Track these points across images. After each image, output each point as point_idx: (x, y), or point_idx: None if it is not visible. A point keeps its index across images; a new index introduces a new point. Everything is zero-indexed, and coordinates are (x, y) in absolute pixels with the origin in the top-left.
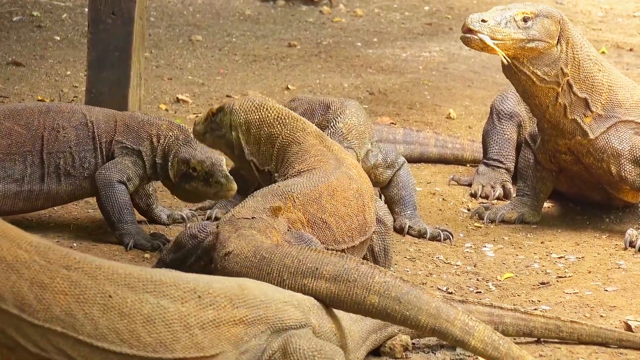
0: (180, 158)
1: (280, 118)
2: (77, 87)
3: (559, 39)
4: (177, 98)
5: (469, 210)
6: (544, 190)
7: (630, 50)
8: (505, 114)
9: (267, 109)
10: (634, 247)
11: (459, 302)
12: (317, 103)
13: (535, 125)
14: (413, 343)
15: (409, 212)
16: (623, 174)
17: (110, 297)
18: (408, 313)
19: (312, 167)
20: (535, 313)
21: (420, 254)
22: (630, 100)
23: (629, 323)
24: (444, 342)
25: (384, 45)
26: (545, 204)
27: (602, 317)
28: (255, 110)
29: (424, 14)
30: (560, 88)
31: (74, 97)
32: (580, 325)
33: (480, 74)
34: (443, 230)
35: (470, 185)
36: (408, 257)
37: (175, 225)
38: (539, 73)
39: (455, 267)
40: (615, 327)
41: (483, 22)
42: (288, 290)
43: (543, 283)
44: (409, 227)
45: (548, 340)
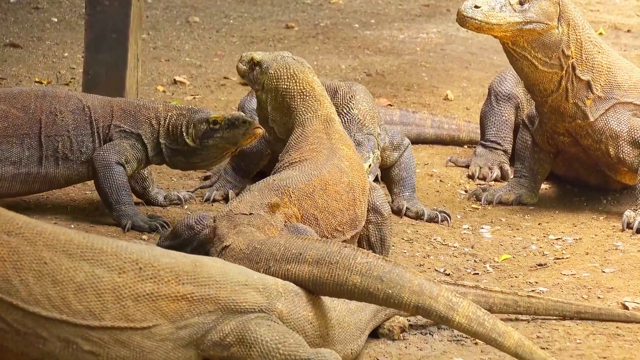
0: (198, 120)
1: (303, 93)
2: (74, 68)
3: (559, 21)
4: (174, 80)
5: (467, 192)
6: (542, 172)
7: (628, 32)
8: (503, 96)
9: (295, 80)
10: (632, 228)
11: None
12: (329, 88)
13: (534, 107)
14: (410, 325)
15: (407, 193)
16: (621, 156)
17: (46, 263)
18: (391, 291)
19: (304, 158)
20: (495, 289)
21: (418, 236)
22: (629, 82)
23: (627, 304)
24: (428, 319)
25: (382, 27)
26: (543, 186)
27: (599, 298)
28: (286, 79)
29: None
30: (564, 71)
31: (71, 78)
32: (537, 300)
33: (478, 56)
34: (440, 212)
35: (468, 167)
36: (405, 238)
37: (173, 207)
38: (541, 56)
39: (453, 248)
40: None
41: (476, 7)
42: (260, 275)
43: (540, 264)
44: (407, 208)
45: (545, 322)
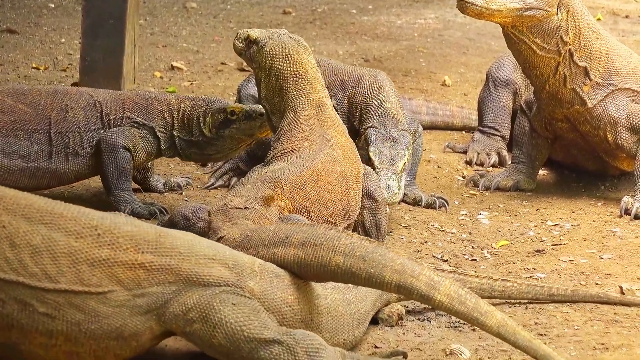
0: (215, 109)
1: (296, 76)
2: (71, 54)
3: (559, 7)
4: (171, 65)
5: (464, 178)
6: (540, 158)
7: (626, 17)
8: (501, 81)
9: (290, 62)
10: (630, 214)
11: None
12: (345, 74)
13: (532, 93)
14: (408, 311)
15: (408, 179)
16: (619, 142)
17: (4, 227)
18: (372, 270)
19: (296, 147)
20: (471, 274)
21: (415, 222)
22: (627, 68)
23: (624, 289)
24: (411, 299)
25: (379, 12)
26: (541, 172)
27: (597, 284)
28: (280, 59)
29: None
30: (562, 57)
31: (69, 64)
32: (511, 283)
33: (476, 41)
34: (438, 198)
35: (466, 153)
36: (403, 224)
37: (171, 193)
38: (539, 42)
39: (451, 234)
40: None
41: None
42: (235, 252)
43: (538, 251)
44: (405, 194)
45: (543, 308)
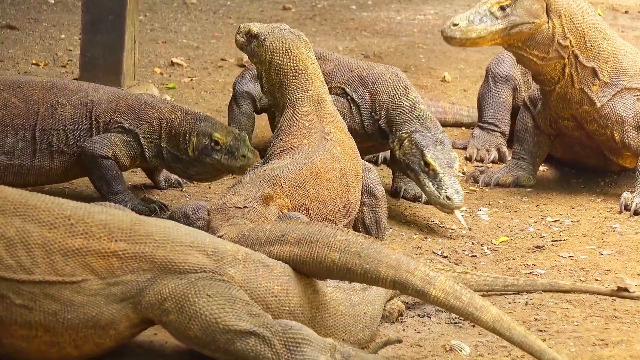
0: (201, 131)
1: (296, 71)
2: (71, 50)
3: (548, 15)
4: (171, 62)
5: (464, 174)
6: (541, 155)
7: (626, 13)
8: (501, 77)
9: (289, 57)
10: (629, 210)
11: None
12: (362, 70)
13: (537, 90)
14: (408, 308)
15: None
16: (626, 141)
17: None
18: (368, 266)
19: (295, 144)
20: (436, 267)
21: (416, 218)
22: (635, 68)
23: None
24: (406, 294)
25: (379, 8)
26: (541, 168)
27: (597, 280)
28: (280, 54)
29: None
30: (567, 60)
31: (68, 60)
32: (471, 276)
33: None
34: None
35: (465, 149)
36: (403, 221)
37: (171, 189)
38: (537, 53)
39: (450, 231)
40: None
41: (454, 25)
42: (217, 240)
43: (538, 247)
44: (404, 190)
45: (543, 304)
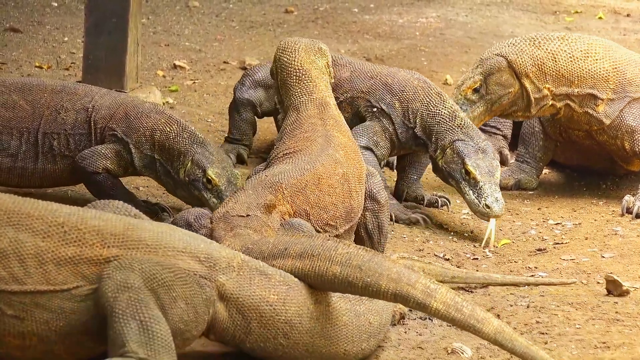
0: (196, 160)
1: (300, 72)
2: (74, 53)
3: (518, 79)
4: (174, 64)
5: None
6: (545, 159)
7: (628, 16)
8: None
9: (296, 56)
10: (631, 213)
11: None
12: (385, 77)
13: None
14: (410, 310)
15: (414, 177)
16: (637, 149)
17: None
18: (369, 279)
19: (298, 148)
20: (392, 257)
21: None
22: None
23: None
24: (408, 307)
25: (381, 11)
26: (542, 171)
27: (598, 283)
28: (287, 52)
29: None
30: (554, 100)
31: (72, 63)
32: (430, 266)
33: (477, 40)
34: (440, 197)
35: None
36: (407, 222)
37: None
38: (521, 113)
39: (453, 233)
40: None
41: None
42: (213, 246)
43: (540, 249)
44: (407, 193)
45: (545, 307)
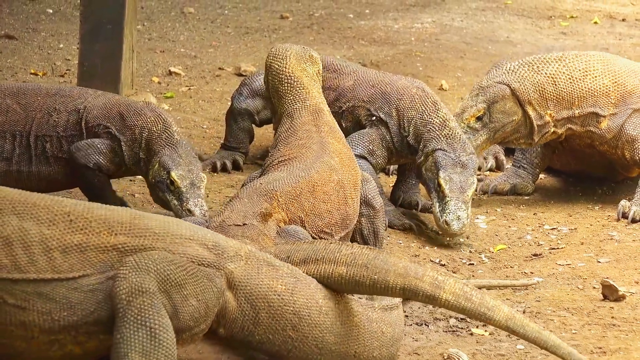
0: (162, 162)
1: (292, 79)
2: (69, 60)
3: (521, 107)
4: (169, 71)
5: None
6: (542, 166)
7: (623, 21)
8: None
9: (287, 63)
10: (627, 218)
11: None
12: (385, 85)
13: None
14: (406, 316)
15: (412, 182)
16: (637, 158)
17: None
18: (376, 276)
19: (293, 156)
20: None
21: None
22: None
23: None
24: (416, 301)
25: (376, 17)
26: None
27: (594, 288)
28: (278, 59)
29: None
30: (556, 126)
31: (67, 70)
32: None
33: (473, 45)
34: None
35: None
36: (401, 228)
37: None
38: (524, 140)
39: (448, 239)
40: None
41: None
42: (219, 236)
43: (536, 255)
44: (403, 199)
45: (541, 312)
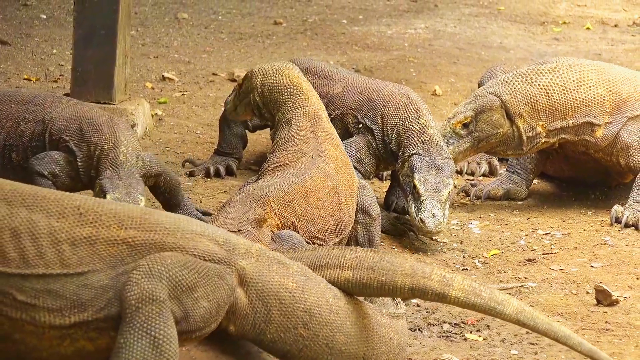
0: (101, 184)
1: (291, 87)
2: (63, 65)
3: (510, 119)
4: (163, 76)
5: (455, 187)
6: (535, 171)
7: (615, 26)
8: None
9: (282, 75)
10: (620, 223)
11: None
12: (372, 92)
13: None
14: None
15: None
16: (632, 164)
17: None
18: (384, 278)
19: (288, 161)
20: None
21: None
22: (635, 95)
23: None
24: (426, 299)
25: (370, 22)
26: None
27: (588, 293)
28: (272, 74)
29: None
30: (548, 137)
31: (60, 75)
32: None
33: (466, 51)
34: None
35: (456, 162)
36: (394, 234)
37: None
38: (512, 152)
39: (442, 244)
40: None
41: None
42: (229, 234)
43: (529, 259)
44: (397, 204)
45: None
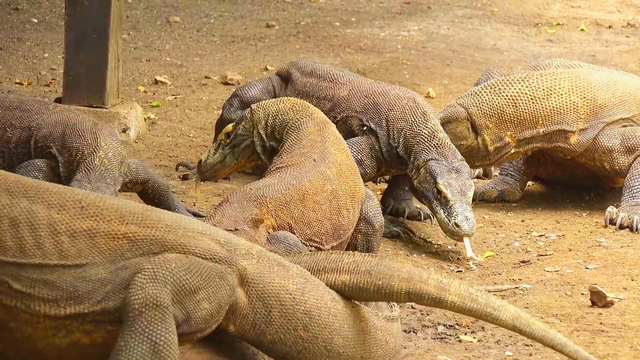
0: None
1: (295, 106)
2: (54, 69)
3: (476, 131)
4: (155, 80)
5: None
6: (529, 174)
7: (609, 27)
8: None
9: (283, 101)
10: (615, 224)
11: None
12: (377, 95)
13: None
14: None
15: (406, 188)
16: (617, 167)
17: None
18: (380, 282)
19: (291, 163)
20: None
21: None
22: (613, 100)
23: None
24: (422, 304)
25: (363, 25)
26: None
27: (582, 294)
28: (272, 104)
29: None
30: (517, 145)
31: (52, 79)
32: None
33: (459, 53)
34: (423, 210)
35: None
36: (389, 236)
37: None
38: (480, 163)
39: (436, 246)
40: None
41: None
42: (230, 234)
43: (524, 261)
44: (392, 206)
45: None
